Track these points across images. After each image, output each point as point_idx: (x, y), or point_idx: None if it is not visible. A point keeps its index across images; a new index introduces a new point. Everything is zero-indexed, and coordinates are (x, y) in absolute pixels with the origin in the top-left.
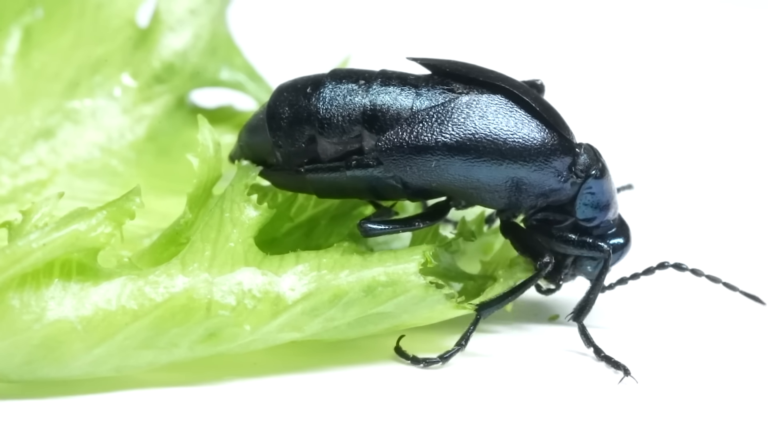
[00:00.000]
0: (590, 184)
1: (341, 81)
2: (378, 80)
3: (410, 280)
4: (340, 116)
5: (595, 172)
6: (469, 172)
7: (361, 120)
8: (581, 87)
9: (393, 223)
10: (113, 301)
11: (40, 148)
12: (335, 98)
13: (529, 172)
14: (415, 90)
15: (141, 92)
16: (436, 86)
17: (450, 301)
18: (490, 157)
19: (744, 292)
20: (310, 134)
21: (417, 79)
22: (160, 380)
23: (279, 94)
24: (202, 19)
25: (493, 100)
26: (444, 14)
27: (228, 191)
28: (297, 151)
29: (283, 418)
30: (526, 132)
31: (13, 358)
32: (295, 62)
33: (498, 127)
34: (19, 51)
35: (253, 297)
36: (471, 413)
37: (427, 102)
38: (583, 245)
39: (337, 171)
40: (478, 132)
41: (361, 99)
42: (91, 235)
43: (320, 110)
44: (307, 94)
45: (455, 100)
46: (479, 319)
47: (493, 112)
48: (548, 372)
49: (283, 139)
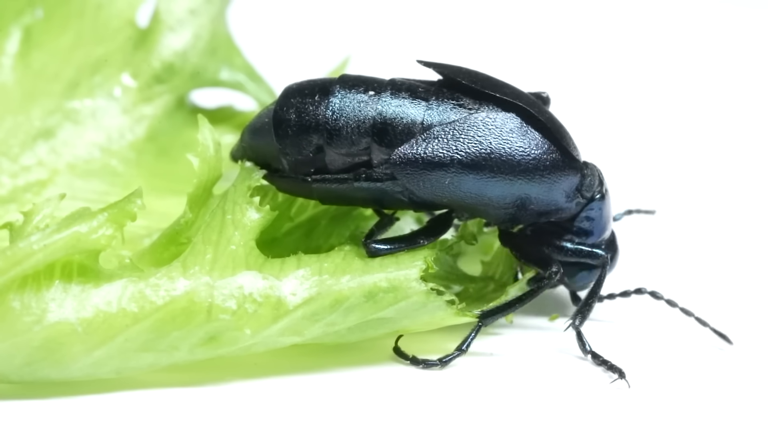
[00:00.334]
0: (593, 205)
1: (350, 89)
2: (388, 90)
3: (411, 286)
4: (349, 128)
5: (599, 194)
6: (482, 189)
7: (370, 132)
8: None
9: (398, 242)
10: (114, 304)
11: (40, 148)
12: (344, 108)
13: (539, 191)
14: (426, 103)
15: (141, 92)
16: (446, 100)
17: (451, 307)
18: (504, 175)
19: (714, 329)
20: (317, 144)
21: (426, 92)
22: (161, 381)
23: (286, 98)
24: (202, 19)
25: (508, 119)
26: (444, 15)
27: (230, 192)
28: (304, 160)
29: (283, 418)
30: (539, 152)
31: (13, 360)
32: (295, 63)
33: (513, 146)
34: (19, 51)
35: (254, 301)
36: (471, 413)
37: (438, 117)
38: (579, 253)
39: (345, 183)
40: (494, 151)
41: (370, 111)
42: (92, 237)
43: (329, 120)
44: (316, 102)
45: (471, 117)
46: (481, 327)
47: (508, 131)
48: (548, 372)
49: (290, 147)
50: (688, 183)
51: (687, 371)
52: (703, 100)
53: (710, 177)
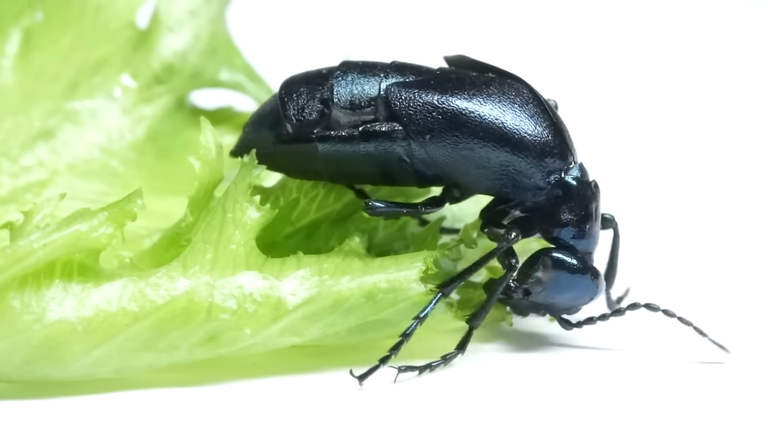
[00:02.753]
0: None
1: (357, 66)
2: (393, 68)
3: (411, 287)
4: (356, 89)
5: (583, 190)
6: (482, 148)
7: (378, 90)
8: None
9: (397, 205)
10: (114, 303)
11: (40, 148)
12: (352, 73)
13: (526, 163)
14: (433, 70)
15: (141, 93)
16: (454, 71)
17: (450, 310)
18: (499, 134)
19: (712, 340)
20: (323, 98)
21: (432, 68)
22: (161, 381)
23: (291, 80)
24: (202, 19)
25: (511, 84)
26: (444, 16)
27: (230, 190)
28: (309, 120)
29: (283, 418)
30: (535, 122)
31: (13, 358)
32: (295, 63)
33: (514, 109)
34: (19, 53)
35: (254, 301)
36: (471, 414)
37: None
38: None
39: (350, 141)
40: (494, 108)
41: (378, 76)
42: (93, 236)
43: (337, 80)
44: (323, 74)
45: (473, 75)
46: (473, 330)
47: (510, 93)
48: (547, 372)
49: (294, 109)
50: (687, 183)
51: (686, 371)
52: (703, 99)
53: (710, 177)
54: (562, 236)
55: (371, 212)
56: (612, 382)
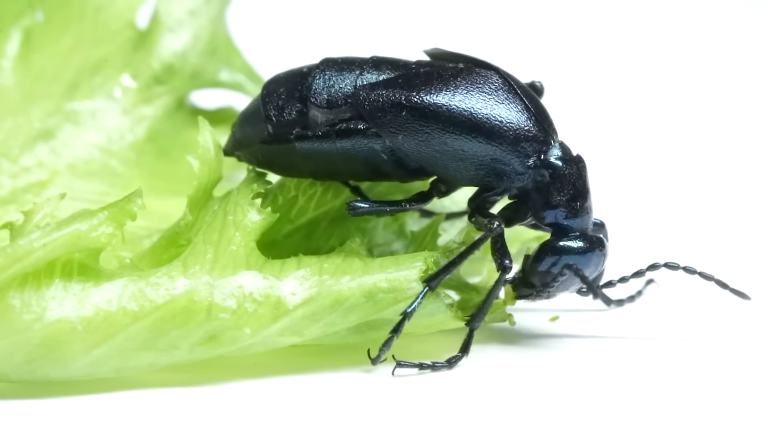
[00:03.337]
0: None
1: (336, 63)
2: (370, 64)
3: (411, 287)
4: (333, 87)
5: (567, 168)
6: (455, 141)
7: (354, 88)
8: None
9: (381, 204)
10: (114, 302)
11: (40, 149)
12: (330, 71)
13: (498, 148)
14: (409, 64)
15: (141, 93)
16: (430, 64)
17: (450, 310)
18: (472, 124)
19: (733, 290)
20: (301, 97)
21: (409, 63)
22: (161, 380)
23: (273, 79)
24: (202, 20)
25: (485, 74)
26: (445, 16)
27: (233, 194)
28: (288, 121)
29: (283, 418)
30: (508, 109)
31: (13, 358)
32: (294, 63)
33: (485, 98)
34: (19, 53)
35: (254, 300)
36: (472, 414)
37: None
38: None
39: (327, 140)
40: (466, 98)
41: (355, 73)
42: (93, 235)
43: (314, 80)
44: (304, 73)
45: (447, 66)
46: (473, 331)
47: (483, 83)
48: (547, 372)
49: (274, 109)
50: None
51: (686, 371)
52: (702, 100)
53: (710, 177)
54: (556, 219)
55: (353, 213)
56: (614, 382)
